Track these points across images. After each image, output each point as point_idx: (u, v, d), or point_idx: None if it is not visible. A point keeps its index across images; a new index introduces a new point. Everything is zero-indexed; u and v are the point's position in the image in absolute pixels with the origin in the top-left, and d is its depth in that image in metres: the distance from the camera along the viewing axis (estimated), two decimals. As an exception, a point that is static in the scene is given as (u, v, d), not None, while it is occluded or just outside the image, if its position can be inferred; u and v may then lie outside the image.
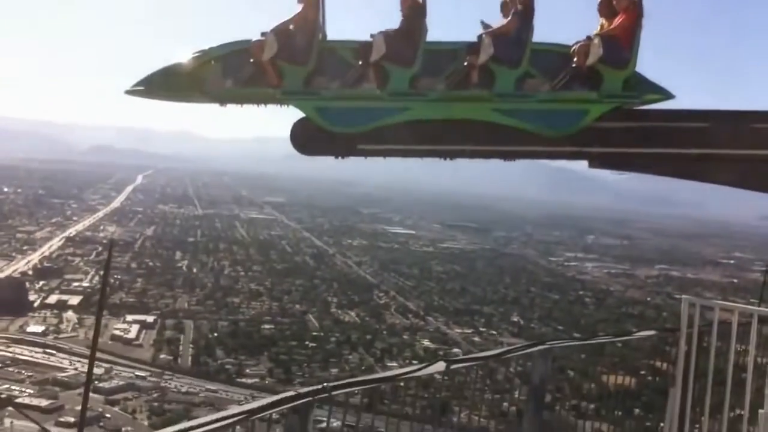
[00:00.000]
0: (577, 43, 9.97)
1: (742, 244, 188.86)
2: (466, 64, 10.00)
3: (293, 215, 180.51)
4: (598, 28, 10.21)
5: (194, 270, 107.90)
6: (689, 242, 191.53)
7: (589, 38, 9.90)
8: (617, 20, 9.84)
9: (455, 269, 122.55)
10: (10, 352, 73.73)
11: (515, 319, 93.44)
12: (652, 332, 9.67)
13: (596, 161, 10.42)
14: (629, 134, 9.93)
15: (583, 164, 10.64)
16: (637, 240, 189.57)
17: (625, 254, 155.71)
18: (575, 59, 9.88)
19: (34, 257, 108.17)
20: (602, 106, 9.81)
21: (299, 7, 10.16)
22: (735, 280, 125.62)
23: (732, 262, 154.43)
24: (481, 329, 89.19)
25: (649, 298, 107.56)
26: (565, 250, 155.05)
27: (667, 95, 10.09)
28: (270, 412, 4.80)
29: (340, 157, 10.16)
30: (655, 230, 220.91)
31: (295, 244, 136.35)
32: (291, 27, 10.05)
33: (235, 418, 4.55)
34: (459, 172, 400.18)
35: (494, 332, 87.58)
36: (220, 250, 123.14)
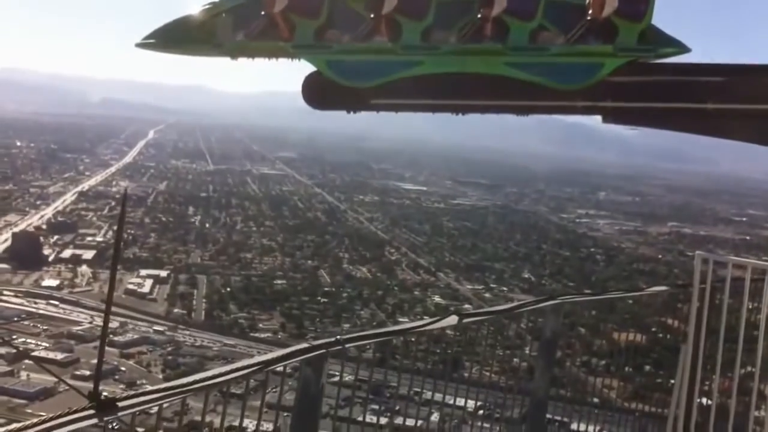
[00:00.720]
0: (592, -6, 9.80)
1: (754, 201, 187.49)
2: (479, 16, 9.86)
3: (304, 171, 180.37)
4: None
5: (207, 225, 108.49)
6: (701, 199, 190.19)
7: (604, -11, 9.73)
8: (634, -29, 9.65)
9: (466, 225, 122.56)
10: (26, 306, 74.74)
11: (526, 275, 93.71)
12: (663, 288, 9.64)
13: (610, 116, 10.28)
14: (644, 88, 9.81)
15: (596, 119, 10.52)
16: (648, 196, 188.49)
17: (636, 211, 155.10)
18: (590, 11, 9.73)
19: (48, 212, 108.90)
20: (617, 60, 9.65)
21: None
22: (748, 237, 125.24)
23: (744, 219, 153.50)
24: (492, 285, 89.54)
25: (660, 255, 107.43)
26: (576, 207, 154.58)
27: (683, 49, 9.91)
28: (284, 363, 4.84)
29: (351, 112, 10.11)
30: (666, 186, 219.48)
31: (306, 200, 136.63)
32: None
33: (249, 370, 4.59)
34: (471, 127, 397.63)
35: (505, 288, 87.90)
36: (233, 206, 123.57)
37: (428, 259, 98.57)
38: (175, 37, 9.89)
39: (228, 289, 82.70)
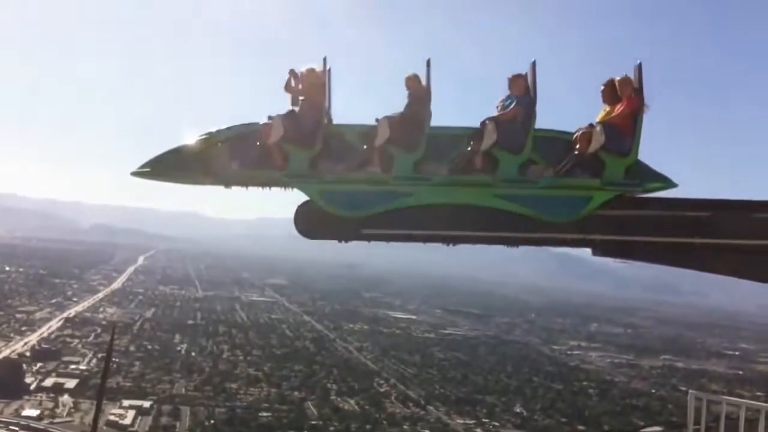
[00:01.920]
0: (579, 129, 10.09)
1: (746, 335, 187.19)
2: (469, 149, 10.10)
3: (294, 298, 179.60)
4: (602, 113, 10.36)
5: (193, 354, 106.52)
6: (693, 332, 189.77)
7: (591, 125, 10.03)
8: (619, 108, 9.97)
9: (457, 356, 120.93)
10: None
11: (518, 409, 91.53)
12: (658, 429, 9.44)
13: (599, 249, 10.38)
14: (632, 222, 9.93)
15: (585, 251, 10.61)
16: (640, 329, 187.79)
17: (628, 343, 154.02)
18: (577, 146, 9.99)
19: (33, 338, 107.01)
20: (605, 194, 9.84)
21: (300, 92, 10.35)
22: (740, 372, 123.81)
23: (737, 353, 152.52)
24: (483, 420, 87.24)
25: (653, 390, 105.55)
26: (568, 338, 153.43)
27: (670, 184, 10.14)
28: None
29: (343, 241, 10.17)
30: (658, 319, 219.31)
31: (295, 328, 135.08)
32: (297, 111, 10.21)
33: None
34: (463, 256, 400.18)
35: (497, 423, 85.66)
36: (220, 334, 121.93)
37: (418, 392, 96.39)
38: (169, 167, 10.06)
39: (212, 421, 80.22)
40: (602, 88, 10.39)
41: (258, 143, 9.94)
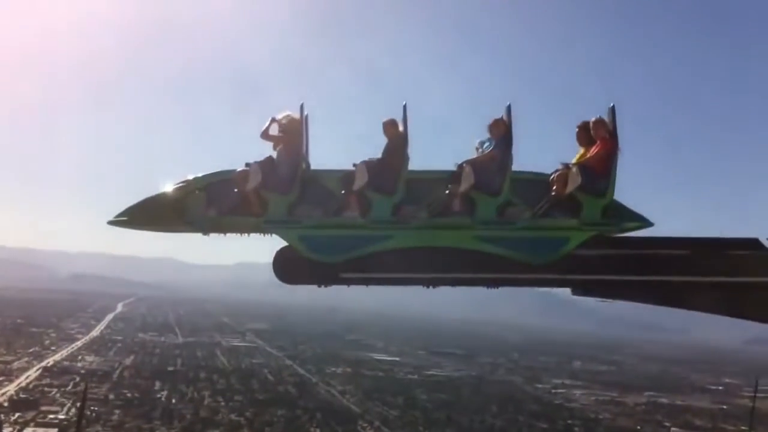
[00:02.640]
0: (555, 171, 10.20)
1: (729, 370, 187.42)
2: (447, 192, 10.16)
3: (275, 342, 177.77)
4: (577, 156, 10.47)
5: (173, 401, 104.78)
6: (677, 367, 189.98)
7: (566, 166, 10.13)
8: (594, 149, 10.11)
9: (441, 397, 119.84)
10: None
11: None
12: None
13: (579, 289, 10.45)
14: (610, 262, 9.99)
15: (567, 290, 10.65)
16: (624, 365, 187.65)
17: (613, 380, 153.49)
18: (554, 187, 10.07)
19: (11, 388, 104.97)
20: (582, 234, 9.93)
21: (278, 139, 10.38)
22: (725, 407, 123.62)
23: (721, 388, 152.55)
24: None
25: (639, 427, 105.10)
26: (551, 377, 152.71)
27: (647, 223, 10.24)
28: None
29: (322, 286, 10.13)
30: (642, 356, 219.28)
31: (277, 373, 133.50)
32: (274, 157, 10.23)
33: None
34: (444, 296, 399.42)
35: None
36: (201, 380, 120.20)
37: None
38: (146, 215, 10.04)
39: (193, 470, 78.81)
40: (576, 129, 10.53)
41: (236, 190, 9.94)
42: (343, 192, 10.10)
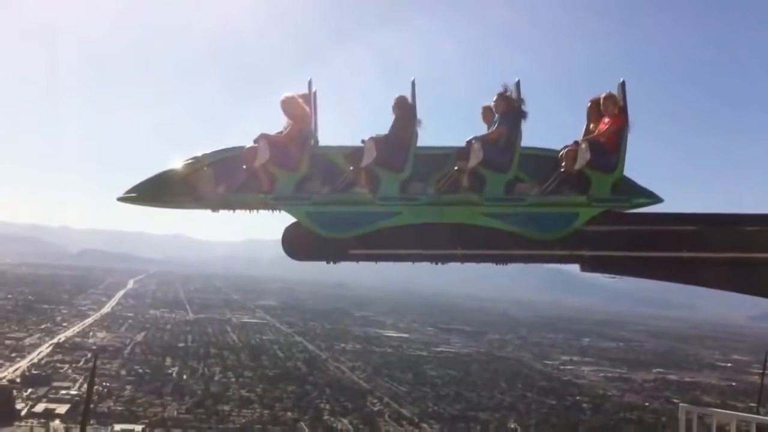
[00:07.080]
0: (565, 147, 10.13)
1: (738, 346, 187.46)
2: (456, 168, 10.12)
3: (285, 319, 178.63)
4: (584, 130, 10.41)
5: (184, 377, 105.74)
6: (685, 344, 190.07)
7: (576, 143, 10.07)
8: (604, 125, 10.03)
9: (450, 374, 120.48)
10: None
11: (512, 425, 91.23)
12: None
13: (587, 264, 10.40)
14: (619, 238, 9.96)
15: (575, 266, 10.62)
16: (632, 342, 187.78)
17: (621, 357, 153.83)
18: (563, 163, 10.02)
19: (23, 364, 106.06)
20: (591, 210, 9.88)
21: (287, 115, 10.34)
22: (733, 383, 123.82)
23: (729, 365, 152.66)
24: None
25: (647, 403, 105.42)
26: (560, 353, 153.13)
27: (657, 199, 10.18)
28: None
29: (330, 262, 10.14)
30: (650, 332, 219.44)
31: (287, 349, 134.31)
32: (283, 133, 10.20)
33: None
34: (453, 273, 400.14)
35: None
36: (211, 356, 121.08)
37: (411, 410, 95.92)
38: (156, 191, 10.05)
39: (204, 443, 79.65)
40: (588, 104, 10.46)
41: (244, 166, 9.93)
42: (351, 168, 10.07)
